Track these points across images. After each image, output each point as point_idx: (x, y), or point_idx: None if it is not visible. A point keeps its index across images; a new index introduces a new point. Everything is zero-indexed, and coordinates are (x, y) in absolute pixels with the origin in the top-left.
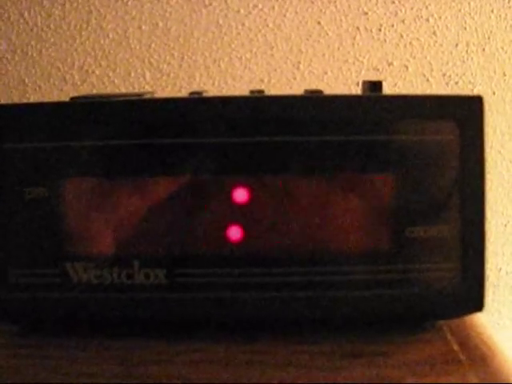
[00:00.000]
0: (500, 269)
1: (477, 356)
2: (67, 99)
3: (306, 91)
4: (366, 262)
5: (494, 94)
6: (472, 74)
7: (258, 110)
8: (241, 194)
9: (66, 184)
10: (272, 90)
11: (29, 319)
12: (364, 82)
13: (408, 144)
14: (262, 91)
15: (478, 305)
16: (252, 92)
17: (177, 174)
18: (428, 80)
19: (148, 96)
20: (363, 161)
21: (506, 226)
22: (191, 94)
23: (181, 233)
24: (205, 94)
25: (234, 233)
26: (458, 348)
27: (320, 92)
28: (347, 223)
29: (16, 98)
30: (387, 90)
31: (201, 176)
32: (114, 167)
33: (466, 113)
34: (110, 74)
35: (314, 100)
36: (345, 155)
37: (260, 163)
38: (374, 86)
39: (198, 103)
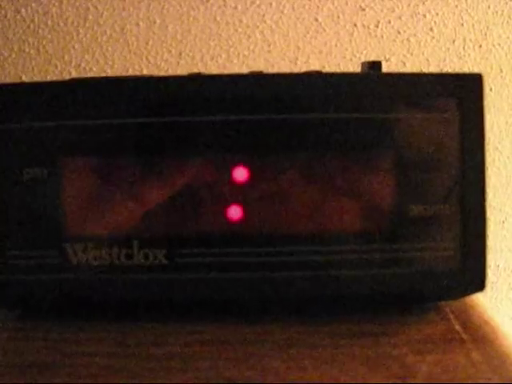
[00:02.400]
0: (498, 265)
1: (479, 335)
2: None
3: (306, 71)
4: (366, 241)
5: (490, 90)
6: (469, 70)
7: (257, 88)
8: (241, 174)
9: (64, 164)
10: None
11: (27, 301)
12: (363, 63)
13: (408, 122)
14: (261, 72)
15: (479, 285)
16: (252, 72)
17: (177, 153)
18: None
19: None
20: (363, 139)
21: (503, 222)
22: (190, 74)
23: (180, 213)
24: (203, 74)
25: (234, 212)
26: (460, 328)
27: (319, 71)
28: (347, 202)
29: None
30: None
31: (201, 155)
32: (113, 147)
33: (465, 90)
34: (108, 70)
35: (313, 78)
36: (344, 133)
37: (260, 142)
38: (374, 65)
39: (197, 81)
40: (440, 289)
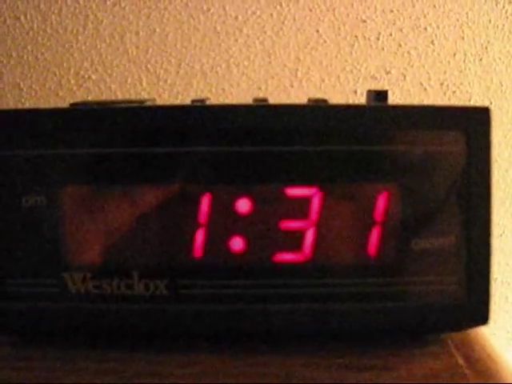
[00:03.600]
0: (496, 279)
1: (482, 369)
2: (64, 104)
3: (310, 100)
4: (371, 274)
5: (490, 103)
6: (469, 84)
7: (261, 119)
8: (243, 205)
9: (64, 192)
10: (270, 98)
11: (26, 329)
12: (369, 92)
13: (414, 154)
14: (265, 99)
15: (483, 318)
16: (255, 100)
17: (178, 183)
18: (425, 89)
19: (149, 103)
20: (369, 171)
21: (501, 235)
22: (193, 101)
23: (182, 243)
24: (207, 102)
25: (237, 244)
26: (463, 362)
27: (324, 101)
28: (352, 234)
29: (11, 103)
30: None
31: (202, 186)
32: (114, 176)
33: (473, 124)
34: (107, 79)
35: (318, 110)
36: (350, 166)
37: (263, 174)
38: (380, 95)
39: (200, 111)
40: (443, 322)
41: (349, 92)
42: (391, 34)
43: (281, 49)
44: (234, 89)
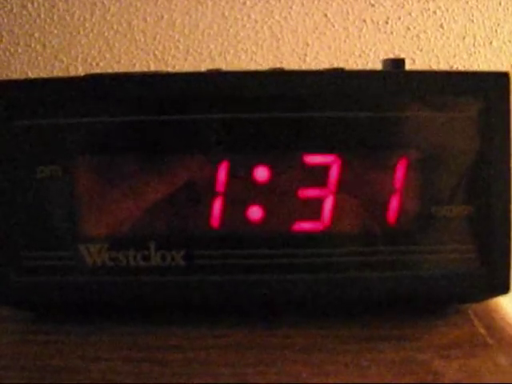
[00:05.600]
0: None
1: (504, 338)
2: None
3: (328, 68)
4: (389, 242)
5: None
6: (479, 67)
7: (278, 86)
8: (261, 173)
9: (79, 162)
10: None
11: (42, 303)
12: (385, 60)
13: (432, 121)
14: (281, 68)
15: (503, 287)
16: (272, 68)
17: (195, 152)
18: None
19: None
20: (387, 138)
21: None
22: (209, 70)
23: (199, 213)
24: (223, 70)
25: (255, 213)
26: (485, 331)
27: (342, 69)
28: (371, 202)
29: None
30: None
31: (220, 154)
32: (129, 145)
33: (492, 89)
34: (115, 66)
35: (336, 76)
36: (368, 132)
37: (281, 141)
38: (397, 63)
39: (217, 78)
40: (463, 291)
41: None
42: (400, 18)
43: (289, 34)
44: None
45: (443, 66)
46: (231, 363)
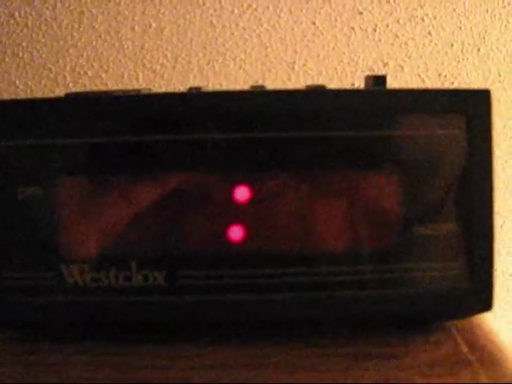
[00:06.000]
0: (496, 269)
1: (486, 356)
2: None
3: (308, 86)
4: (373, 261)
5: None
6: (467, 74)
7: (259, 105)
8: (242, 193)
9: (60, 182)
10: None
11: (23, 323)
12: (367, 77)
13: (414, 139)
14: (262, 86)
15: (486, 304)
16: (253, 87)
17: (176, 171)
18: (423, 80)
19: (144, 92)
20: (368, 157)
21: (501, 226)
22: (190, 89)
23: (180, 233)
24: (204, 89)
25: (236, 233)
26: (467, 349)
27: (322, 87)
28: (352, 222)
29: None
30: None
31: (201, 174)
32: (111, 165)
33: (473, 107)
34: (103, 75)
35: (316, 95)
36: (348, 151)
37: (262, 160)
38: (378, 80)
39: (197, 98)
40: (446, 309)
41: (346, 84)
42: (388, 26)
43: (277, 42)
44: (231, 83)
45: (431, 73)
46: (213, 383)
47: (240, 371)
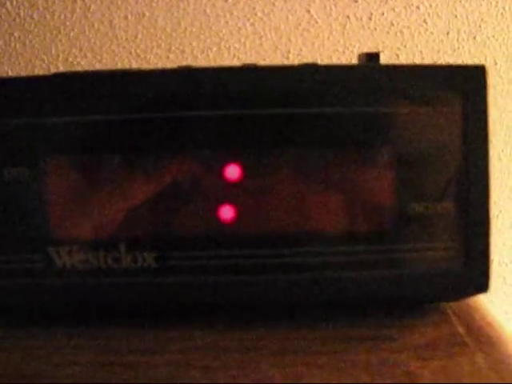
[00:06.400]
0: (492, 259)
1: (482, 338)
2: None
3: (301, 64)
4: (366, 241)
5: None
6: (463, 63)
7: (250, 81)
8: (233, 172)
9: (48, 163)
10: None
11: (11, 306)
12: (360, 55)
13: (408, 116)
14: (254, 65)
15: (482, 286)
16: (245, 65)
17: (165, 150)
18: None
19: (133, 70)
20: (361, 134)
21: (497, 216)
22: (180, 67)
23: (170, 213)
24: (194, 67)
25: (226, 213)
26: (463, 330)
27: (315, 64)
28: (344, 200)
29: None
30: None
31: (190, 153)
32: (97, 145)
33: (469, 83)
34: (96, 65)
35: (309, 71)
36: (341, 128)
37: (253, 138)
38: (371, 57)
39: (187, 75)
40: (441, 290)
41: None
42: (383, 14)
43: (272, 30)
44: None
45: (427, 62)
46: (203, 366)
47: (231, 354)
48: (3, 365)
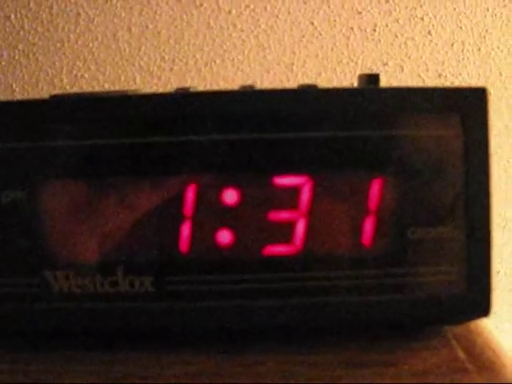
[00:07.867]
0: (498, 271)
1: (483, 363)
2: None
3: (300, 86)
4: (366, 265)
5: (490, 94)
6: (468, 74)
7: (248, 105)
8: (230, 196)
9: (45, 187)
10: None
11: (7, 331)
12: (361, 76)
13: (408, 139)
14: (252, 86)
15: (484, 310)
16: (242, 87)
17: (163, 175)
18: (424, 80)
19: (131, 93)
20: (361, 158)
21: (504, 227)
22: (177, 89)
23: (167, 238)
24: (192, 90)
25: (224, 237)
26: (464, 355)
27: (314, 86)
28: (345, 224)
29: None
30: None
31: (189, 177)
32: (96, 169)
33: (469, 106)
34: (100, 77)
35: (308, 94)
36: (341, 152)
37: (251, 162)
38: (371, 78)
39: (184, 99)
40: (444, 314)
41: (345, 85)
42: (387, 25)
43: (275, 43)
44: (228, 84)
45: (431, 74)
46: None
47: (230, 379)
48: None
